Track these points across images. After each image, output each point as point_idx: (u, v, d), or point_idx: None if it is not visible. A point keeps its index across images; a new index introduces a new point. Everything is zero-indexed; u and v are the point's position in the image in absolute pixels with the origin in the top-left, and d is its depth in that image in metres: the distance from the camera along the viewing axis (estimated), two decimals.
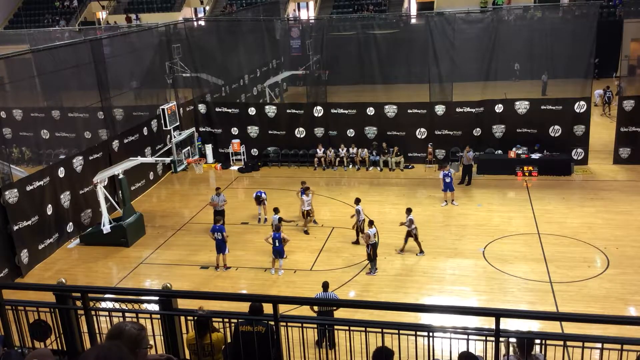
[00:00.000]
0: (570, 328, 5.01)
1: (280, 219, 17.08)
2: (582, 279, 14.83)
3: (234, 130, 25.72)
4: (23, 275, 16.70)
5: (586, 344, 4.89)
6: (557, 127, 22.77)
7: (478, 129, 23.51)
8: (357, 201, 17.63)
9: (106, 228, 18.30)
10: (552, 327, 7.27)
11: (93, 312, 5.76)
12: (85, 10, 43.98)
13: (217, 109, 26.04)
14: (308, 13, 41.10)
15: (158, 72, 25.05)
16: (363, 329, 5.56)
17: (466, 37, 23.71)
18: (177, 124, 24.73)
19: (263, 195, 19.31)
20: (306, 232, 18.26)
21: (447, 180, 19.75)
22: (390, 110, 24.12)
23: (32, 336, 6.19)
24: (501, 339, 5.07)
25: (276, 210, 17.45)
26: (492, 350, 4.92)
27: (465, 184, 21.52)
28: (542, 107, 22.97)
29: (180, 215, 20.70)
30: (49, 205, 17.99)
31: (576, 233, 17.28)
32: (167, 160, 23.32)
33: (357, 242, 17.36)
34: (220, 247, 16.24)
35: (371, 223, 15.92)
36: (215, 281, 15.91)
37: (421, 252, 16.58)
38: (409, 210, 16.85)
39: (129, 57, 24.73)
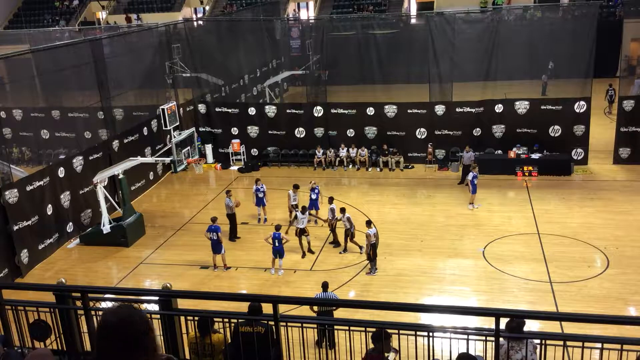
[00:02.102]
0: (570, 328, 5.02)
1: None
2: (582, 279, 14.83)
3: (234, 130, 25.72)
4: (23, 275, 16.70)
5: (586, 344, 4.89)
6: (557, 127, 22.76)
7: (478, 129, 23.51)
8: (331, 200, 17.63)
9: (106, 228, 18.30)
10: (552, 327, 7.28)
11: (93, 312, 5.77)
12: (85, 10, 43.96)
13: (217, 109, 26.04)
14: (308, 13, 41.09)
15: (158, 72, 25.05)
16: (363, 329, 5.57)
17: (466, 37, 23.69)
18: (177, 124, 24.73)
19: (262, 187, 19.20)
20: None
21: (476, 182, 19.41)
22: (390, 110, 24.12)
23: (32, 336, 6.19)
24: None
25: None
26: (492, 350, 4.92)
27: (465, 184, 21.51)
28: (542, 107, 22.96)
29: (180, 215, 20.70)
30: (49, 205, 17.99)
31: (576, 233, 17.27)
32: (167, 160, 23.31)
33: (337, 244, 17.36)
34: (216, 247, 16.22)
35: (369, 223, 15.92)
36: (214, 281, 15.92)
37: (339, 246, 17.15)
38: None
39: (129, 57, 24.74)
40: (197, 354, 6.67)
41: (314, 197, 18.86)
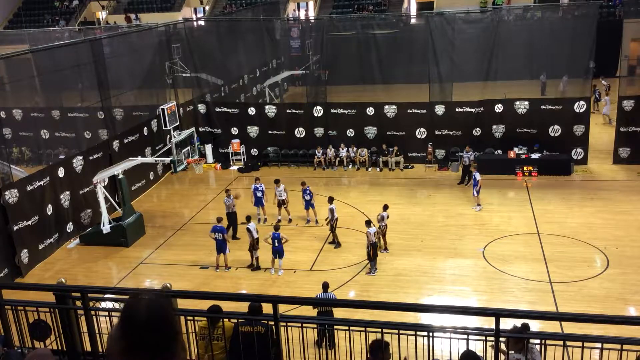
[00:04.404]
0: (570, 328, 5.03)
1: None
2: (582, 279, 14.83)
3: (234, 130, 25.72)
4: (23, 275, 16.70)
5: (586, 344, 4.89)
6: (556, 127, 22.77)
7: (478, 129, 23.50)
8: (331, 200, 17.60)
9: (106, 228, 18.29)
10: (552, 327, 7.29)
11: (93, 312, 5.77)
12: (85, 10, 43.95)
13: (217, 109, 26.04)
14: (308, 13, 41.07)
15: (158, 72, 25.05)
16: (363, 329, 5.56)
17: (466, 37, 23.69)
18: (177, 124, 24.74)
19: (261, 187, 19.22)
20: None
21: (479, 178, 19.38)
22: (390, 110, 24.12)
23: (32, 336, 6.19)
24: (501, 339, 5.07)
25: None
26: (492, 350, 4.92)
27: (465, 184, 21.51)
28: (542, 107, 22.97)
29: (180, 215, 20.70)
30: (49, 205, 17.98)
31: (576, 233, 17.27)
32: (167, 160, 23.32)
33: (338, 245, 17.36)
34: (221, 247, 16.23)
35: (369, 223, 15.92)
36: (215, 281, 15.92)
37: (385, 249, 16.80)
38: (385, 207, 16.95)
39: (129, 57, 24.73)
40: (204, 339, 6.77)
41: (307, 198, 18.86)
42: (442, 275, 15.65)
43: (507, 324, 6.00)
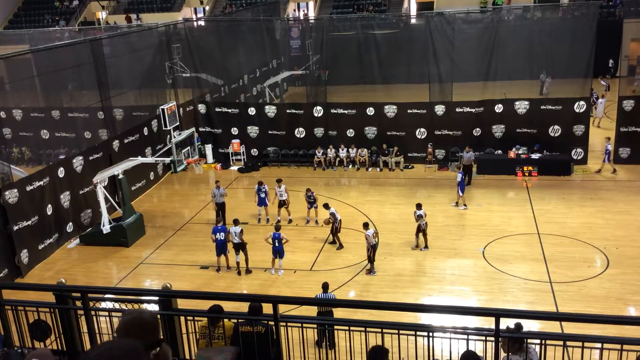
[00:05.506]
0: (570, 328, 5.01)
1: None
2: (582, 279, 14.83)
3: (234, 130, 25.72)
4: (23, 275, 16.70)
5: (586, 344, 4.88)
6: (556, 127, 22.77)
7: (478, 129, 23.50)
8: (327, 206, 17.57)
9: (106, 228, 18.29)
10: (552, 327, 7.27)
11: (93, 312, 5.76)
12: (85, 11, 43.95)
13: (217, 109, 26.05)
14: (308, 13, 41.07)
15: (158, 72, 25.04)
16: (363, 329, 5.56)
17: (466, 37, 23.70)
18: (177, 124, 24.74)
19: (264, 188, 19.26)
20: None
21: (458, 180, 19.60)
22: (390, 110, 24.12)
23: (32, 336, 6.19)
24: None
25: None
26: (492, 350, 4.92)
27: (465, 184, 21.49)
28: (542, 107, 22.97)
29: (180, 215, 20.70)
30: (49, 205, 17.98)
31: (576, 233, 17.27)
32: (167, 160, 23.32)
33: (340, 246, 17.36)
34: (222, 248, 16.21)
35: (366, 225, 15.93)
36: (215, 281, 15.92)
37: (426, 247, 16.86)
38: (419, 206, 17.00)
39: (129, 57, 24.73)
40: (205, 338, 6.77)
41: (311, 201, 18.91)
42: (442, 275, 15.65)
43: (506, 324, 6.00)
